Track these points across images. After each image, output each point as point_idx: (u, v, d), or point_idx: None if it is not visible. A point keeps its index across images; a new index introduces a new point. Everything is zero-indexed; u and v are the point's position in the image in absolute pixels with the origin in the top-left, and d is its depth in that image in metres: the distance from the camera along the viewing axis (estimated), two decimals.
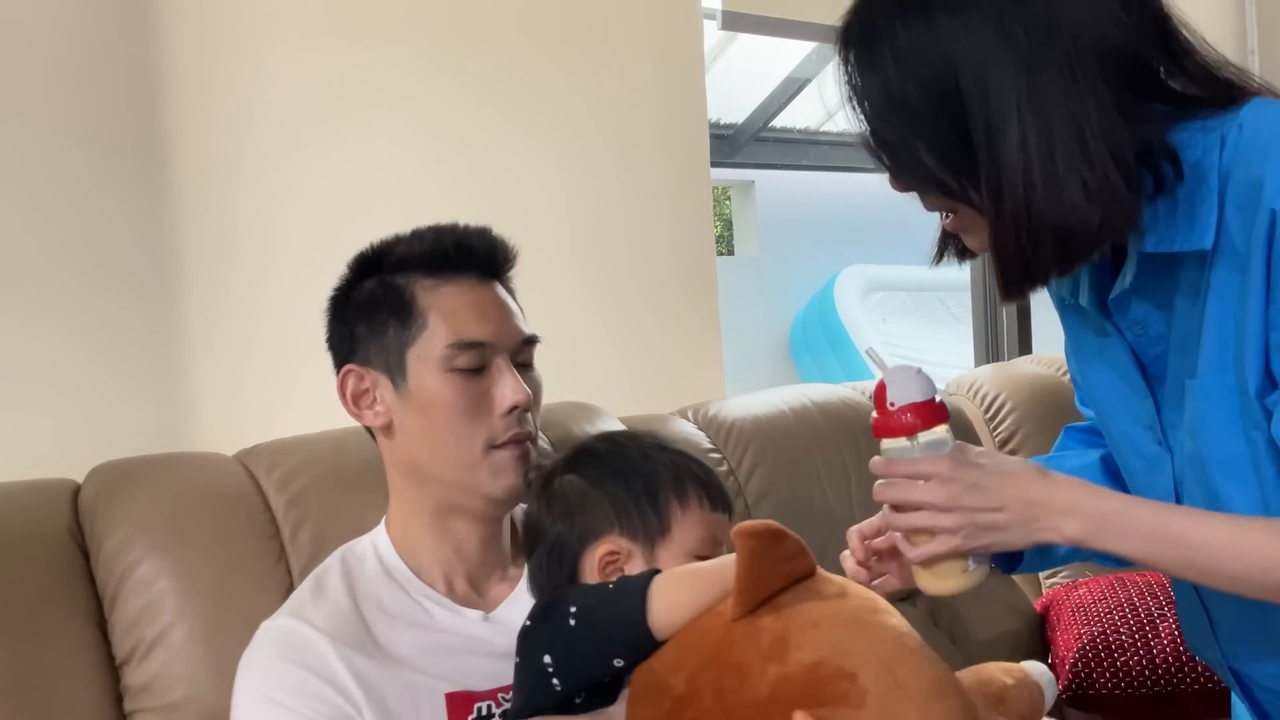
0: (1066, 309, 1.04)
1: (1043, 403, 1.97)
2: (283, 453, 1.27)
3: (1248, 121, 0.84)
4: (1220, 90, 0.86)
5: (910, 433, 0.91)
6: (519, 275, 1.18)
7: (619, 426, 1.55)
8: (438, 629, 1.06)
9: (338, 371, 1.11)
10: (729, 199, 6.34)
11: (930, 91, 0.84)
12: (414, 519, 1.10)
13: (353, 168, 1.61)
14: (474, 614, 1.08)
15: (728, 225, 6.41)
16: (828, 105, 0.94)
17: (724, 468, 1.61)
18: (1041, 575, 1.93)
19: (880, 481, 0.91)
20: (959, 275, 1.05)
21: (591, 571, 0.98)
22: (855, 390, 1.88)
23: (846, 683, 0.79)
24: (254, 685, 0.99)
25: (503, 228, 1.73)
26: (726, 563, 0.87)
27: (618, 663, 0.87)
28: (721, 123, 5.05)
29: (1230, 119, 0.84)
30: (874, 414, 0.93)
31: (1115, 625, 1.61)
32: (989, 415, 2.01)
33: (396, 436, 1.09)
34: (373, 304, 1.10)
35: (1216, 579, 0.87)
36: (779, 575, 0.84)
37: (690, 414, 1.70)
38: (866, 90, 0.87)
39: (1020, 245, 0.85)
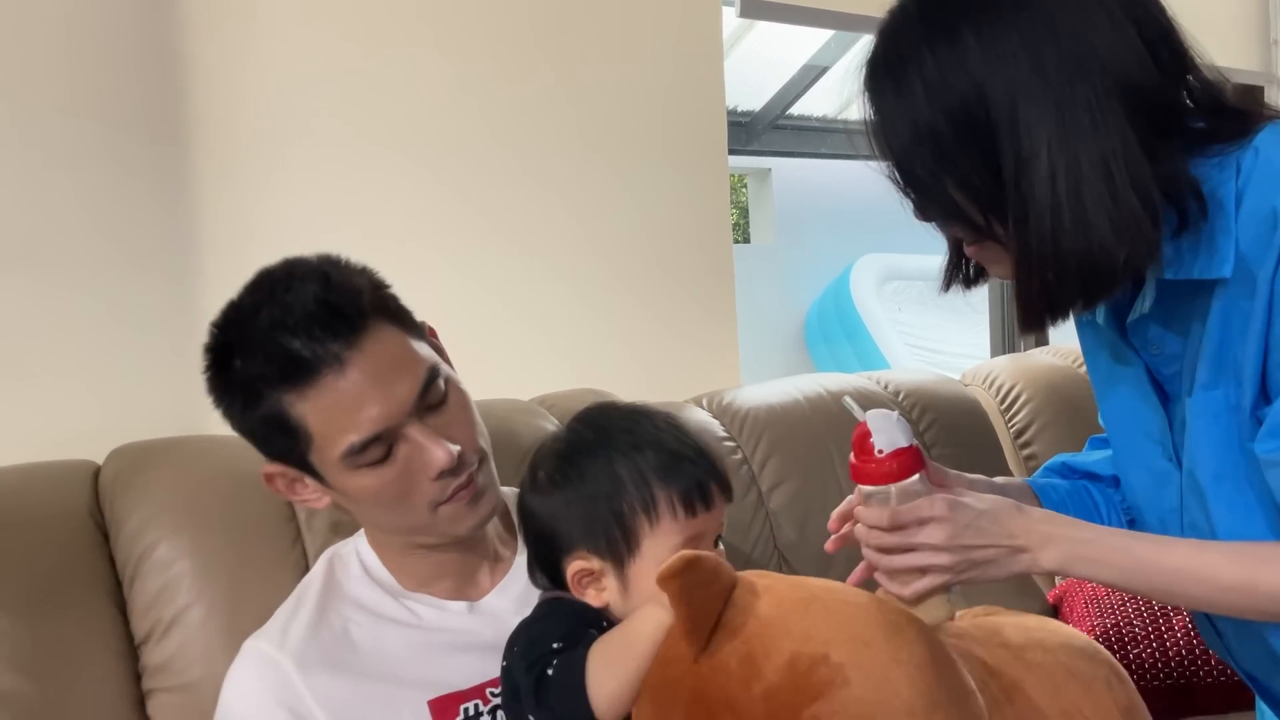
0: (1083, 325, 1.05)
1: (1058, 394, 1.96)
2: None
3: (1262, 148, 0.85)
4: (1237, 121, 0.87)
5: (896, 479, 0.94)
6: (532, 259, 1.16)
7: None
8: (423, 627, 1.06)
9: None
10: (745, 186, 6.33)
11: (960, 123, 0.84)
12: (386, 545, 1.09)
13: (371, 154, 1.62)
14: (459, 605, 1.08)
15: (744, 213, 6.40)
16: (845, 93, 0.94)
17: (738, 456, 1.61)
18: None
19: (862, 527, 0.94)
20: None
21: (572, 583, 0.97)
22: (871, 380, 1.88)
23: (824, 667, 0.81)
24: None
25: (518, 215, 1.76)
26: (646, 617, 0.88)
27: None
28: (739, 110, 5.04)
29: (1246, 146, 0.85)
30: (852, 459, 0.95)
31: (1129, 617, 1.60)
32: (1004, 406, 2.00)
33: (348, 510, 1.07)
34: (251, 422, 1.00)
35: (1183, 600, 0.92)
36: (715, 597, 0.85)
37: (705, 402, 1.70)
38: (894, 120, 0.87)
39: (1045, 281, 0.86)
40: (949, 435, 1.80)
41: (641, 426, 0.99)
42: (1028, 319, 0.90)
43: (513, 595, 1.09)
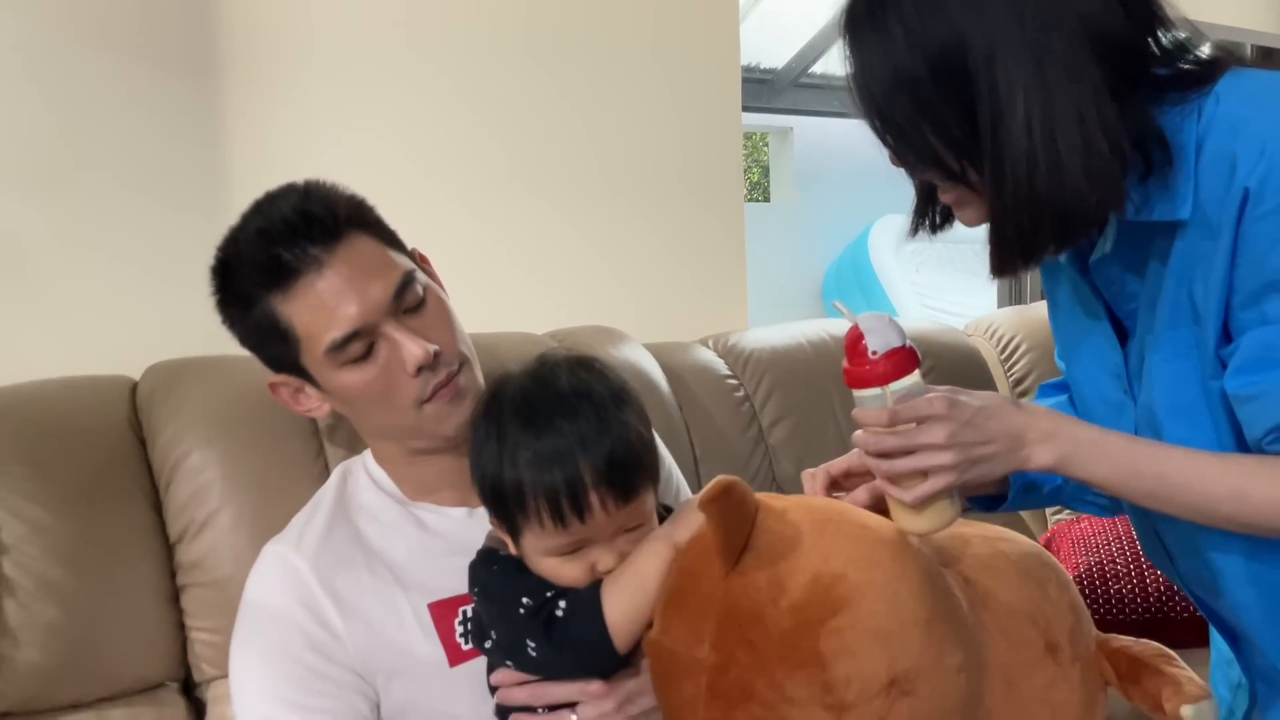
0: (1045, 265, 1.07)
1: None
2: None
3: (1223, 94, 0.88)
4: (1201, 68, 0.89)
5: (890, 380, 0.91)
6: (548, 200, 1.19)
7: (642, 351, 1.62)
8: (426, 533, 1.13)
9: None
10: (766, 145, 6.34)
11: (939, 69, 0.86)
12: (388, 456, 1.16)
13: (393, 93, 1.68)
14: (459, 512, 1.14)
15: (765, 171, 6.41)
16: None
17: (740, 393, 1.68)
18: (1048, 512, 1.99)
19: (861, 432, 0.92)
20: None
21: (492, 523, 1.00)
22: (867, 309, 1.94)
23: (842, 584, 0.87)
24: (245, 653, 1.07)
25: (539, 164, 1.82)
26: (651, 553, 0.92)
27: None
28: (760, 68, 5.04)
29: (1208, 93, 0.88)
30: (845, 363, 0.93)
31: (1111, 556, 1.67)
32: (1004, 356, 2.06)
33: (346, 417, 1.15)
34: (248, 329, 1.09)
35: (1173, 506, 0.93)
36: (745, 521, 0.90)
37: (711, 343, 1.77)
38: (874, 66, 0.89)
39: (1020, 225, 0.88)
40: (947, 381, 1.84)
41: (547, 413, 0.93)
42: (1002, 263, 0.92)
43: None
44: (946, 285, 5.93)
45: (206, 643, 1.22)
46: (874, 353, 0.92)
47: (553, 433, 0.92)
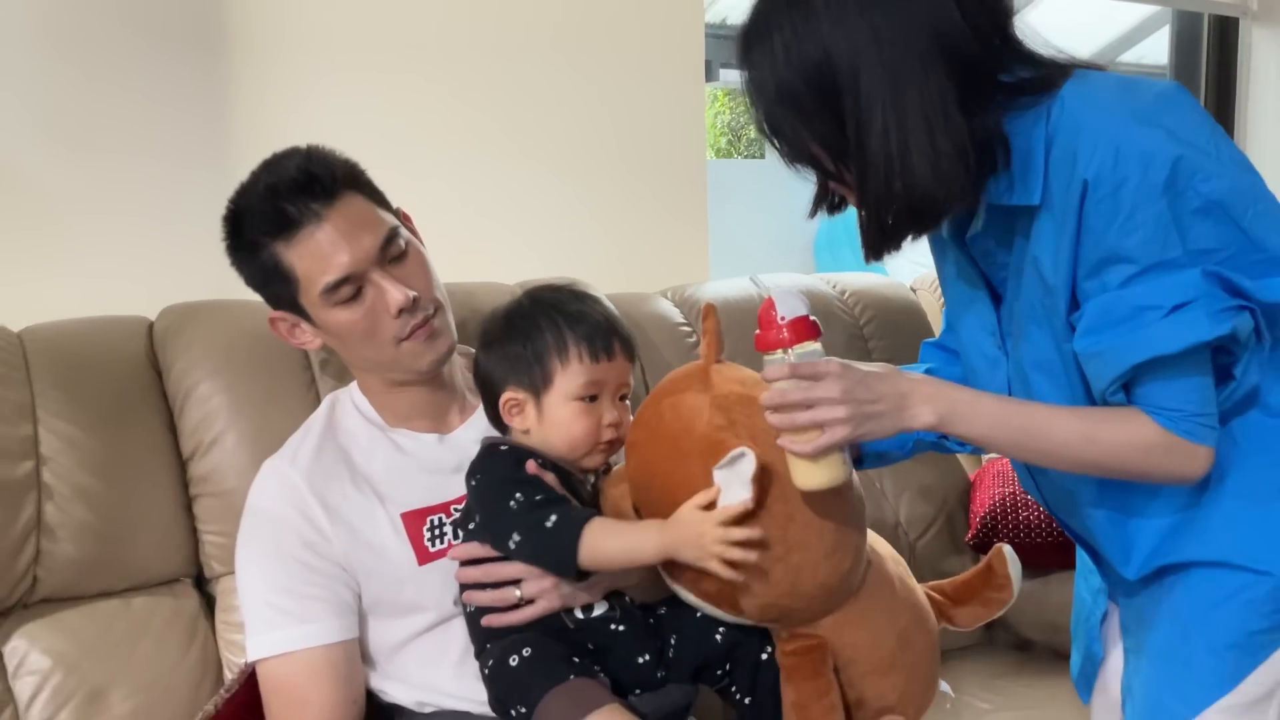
0: (934, 240, 1.21)
1: None
2: None
3: (1067, 99, 1.01)
4: (1046, 73, 1.03)
5: (793, 343, 1.04)
6: (521, 161, 1.33)
7: (604, 301, 1.80)
8: (402, 453, 1.32)
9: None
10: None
11: (813, 84, 0.99)
12: (370, 386, 1.35)
13: (379, 66, 1.85)
14: (431, 438, 1.33)
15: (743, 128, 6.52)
16: None
17: (692, 339, 1.87)
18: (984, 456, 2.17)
19: (766, 393, 1.05)
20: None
21: (503, 412, 1.22)
22: (823, 281, 2.12)
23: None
24: (250, 548, 1.27)
25: (511, 126, 1.99)
26: (645, 533, 1.11)
27: None
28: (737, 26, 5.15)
29: (1055, 97, 1.01)
30: (757, 330, 1.06)
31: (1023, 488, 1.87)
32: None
33: (335, 350, 1.33)
34: (252, 261, 1.26)
35: (1037, 455, 1.09)
36: (720, 342, 1.20)
37: (669, 294, 1.95)
38: (762, 80, 1.02)
39: (881, 219, 1.02)
40: (886, 330, 2.04)
41: (568, 299, 1.24)
42: (869, 249, 1.06)
43: (476, 431, 1.34)
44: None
45: (215, 544, 1.42)
46: (782, 318, 1.05)
47: (581, 305, 1.23)
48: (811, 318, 1.07)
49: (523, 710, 1.10)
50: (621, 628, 1.19)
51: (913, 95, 0.97)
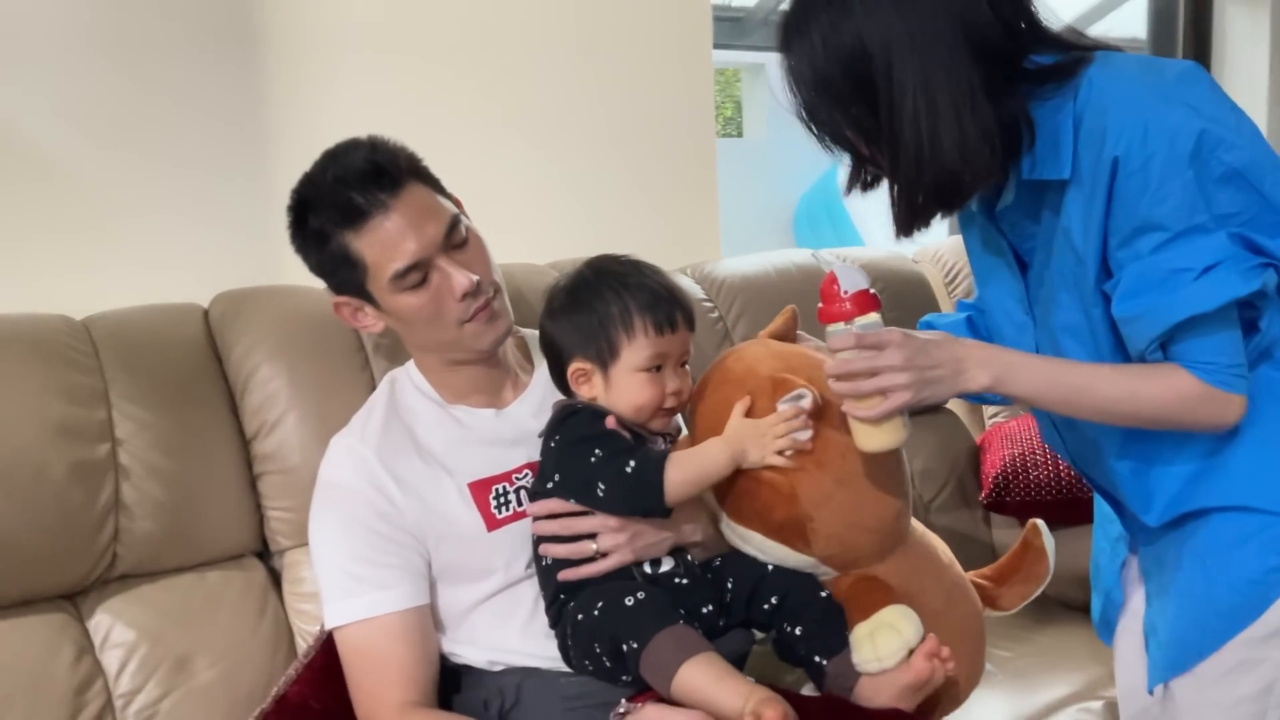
0: (961, 213, 1.25)
1: None
2: None
3: (1095, 79, 1.08)
4: (1071, 58, 1.09)
5: (856, 315, 1.11)
6: (540, 158, 1.40)
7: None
8: (462, 428, 1.38)
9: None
10: (740, 81, 6.52)
11: (849, 72, 1.06)
12: (429, 365, 1.41)
13: (412, 66, 1.91)
14: (488, 412, 1.40)
15: (738, 107, 6.60)
16: None
17: (714, 314, 1.95)
18: (986, 414, 2.27)
19: (830, 362, 1.13)
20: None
21: (571, 380, 1.31)
22: (832, 254, 2.20)
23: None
24: (325, 514, 1.33)
25: (528, 110, 2.05)
26: (713, 452, 1.22)
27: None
28: (732, 5, 5.22)
29: (1082, 77, 1.08)
30: (820, 305, 1.13)
31: (1032, 448, 1.96)
32: (948, 279, 2.33)
33: (398, 332, 1.38)
34: (320, 249, 1.30)
35: (1083, 410, 1.16)
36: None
37: (689, 271, 2.03)
38: (801, 70, 1.09)
39: (911, 197, 1.09)
40: (896, 301, 2.12)
41: (630, 271, 1.31)
42: (901, 227, 1.12)
43: (529, 406, 1.42)
44: None
45: (281, 519, 1.49)
46: (845, 293, 1.12)
47: (642, 277, 1.29)
48: (871, 290, 1.14)
49: (634, 645, 1.17)
50: (685, 581, 1.27)
51: (941, 82, 1.04)
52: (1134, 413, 1.14)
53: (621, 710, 1.20)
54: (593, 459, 1.23)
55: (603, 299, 1.28)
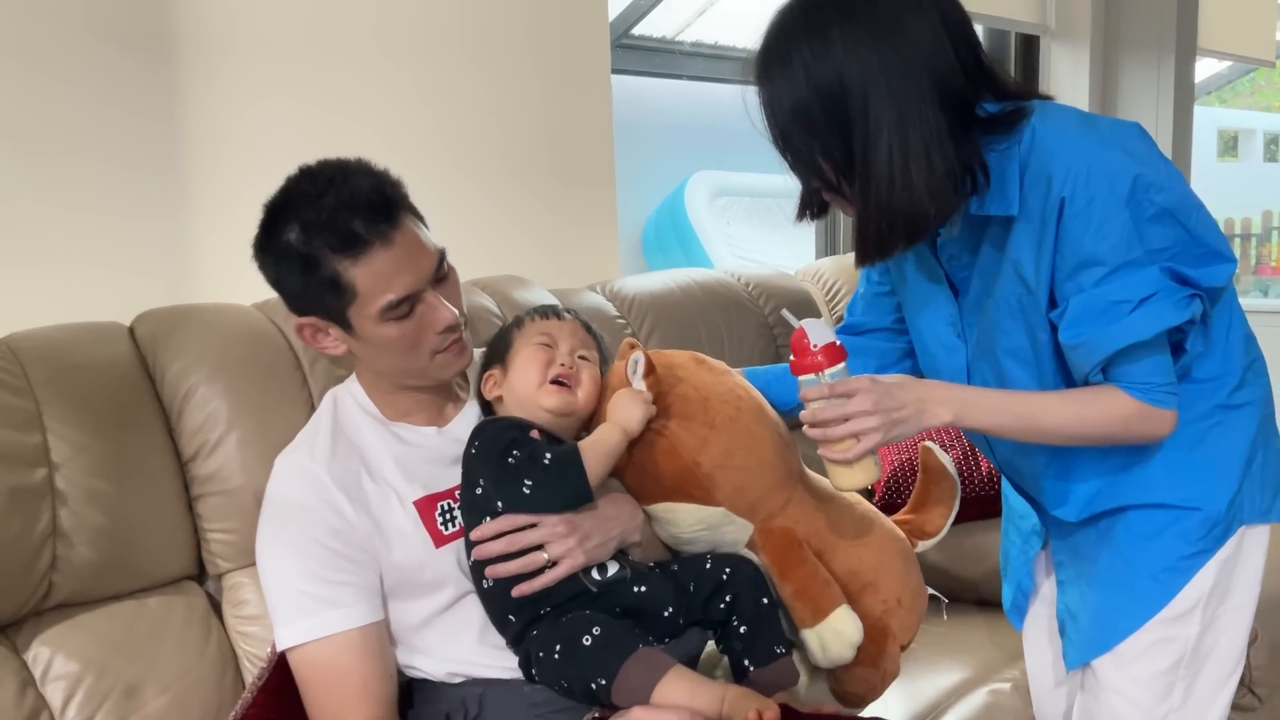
0: None
1: None
2: None
3: (1038, 129, 1.17)
4: (1017, 106, 1.19)
5: (827, 367, 1.19)
6: (450, 177, 1.46)
7: (547, 295, 1.92)
8: (406, 445, 1.40)
9: (293, 314, 1.33)
10: None
11: (826, 104, 1.12)
12: (376, 385, 1.41)
13: (325, 76, 1.89)
14: (430, 430, 1.42)
15: None
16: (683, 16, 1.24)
17: (628, 330, 2.01)
18: None
19: (804, 411, 1.21)
20: (796, 185, 1.27)
21: (484, 388, 1.42)
22: (727, 274, 2.30)
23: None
24: (271, 532, 1.33)
25: (444, 138, 2.07)
26: (609, 431, 1.31)
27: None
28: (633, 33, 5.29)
29: (1026, 126, 1.17)
30: (792, 358, 1.21)
31: (965, 451, 2.11)
32: (828, 296, 2.47)
33: (357, 357, 1.37)
34: (303, 270, 1.26)
35: (1036, 435, 1.25)
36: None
37: (599, 288, 2.09)
38: (780, 98, 1.15)
39: (879, 228, 1.16)
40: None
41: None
42: (864, 256, 1.20)
43: (468, 423, 1.43)
44: (754, 236, 6.42)
45: (222, 541, 1.45)
46: (815, 346, 1.19)
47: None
48: (838, 342, 1.21)
49: (603, 683, 1.20)
50: (643, 588, 1.32)
51: (915, 122, 1.12)
52: (1081, 434, 1.24)
53: (596, 717, 1.24)
54: (511, 460, 1.29)
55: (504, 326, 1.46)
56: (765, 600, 1.35)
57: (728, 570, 1.36)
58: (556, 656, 1.24)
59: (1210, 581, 1.30)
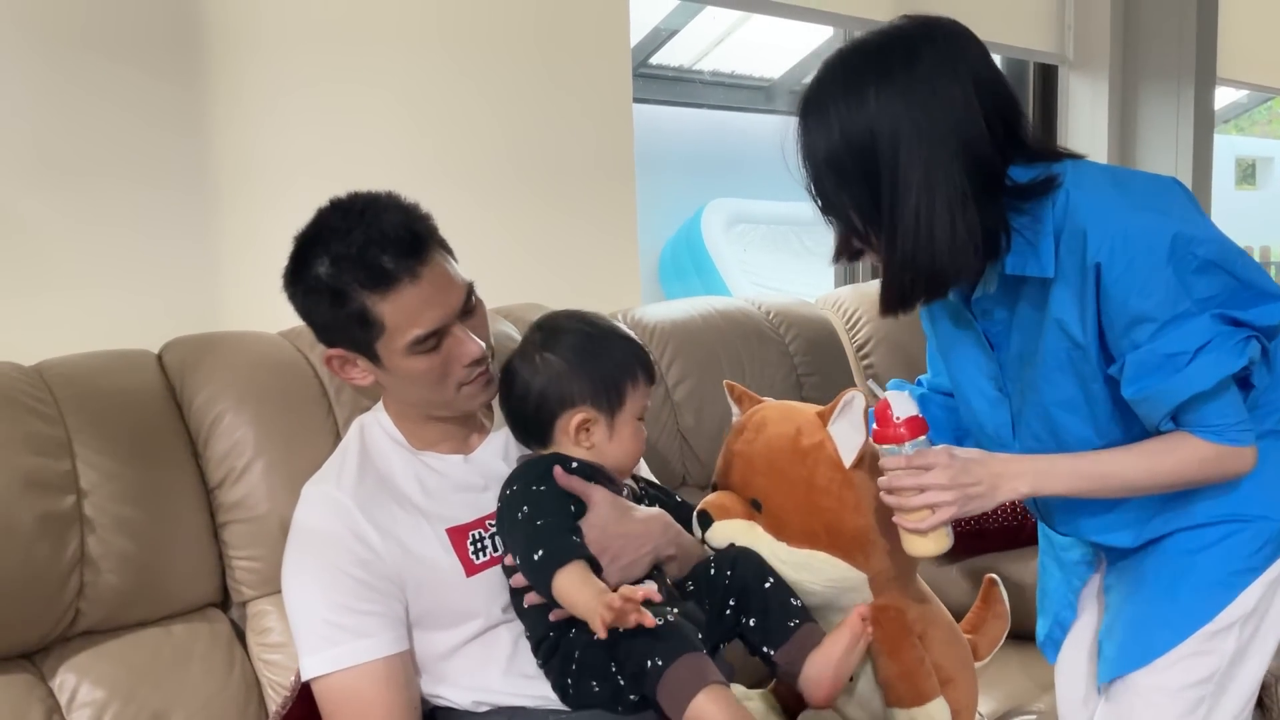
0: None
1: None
2: None
3: (1071, 189, 1.21)
4: (1047, 174, 1.21)
5: (908, 439, 1.25)
6: (474, 205, 1.45)
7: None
8: (435, 474, 1.41)
9: (323, 346, 1.35)
10: None
11: (857, 155, 1.17)
12: (405, 415, 1.42)
13: (350, 105, 1.92)
14: (457, 459, 1.42)
15: None
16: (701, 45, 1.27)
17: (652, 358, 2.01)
18: None
19: (883, 478, 1.26)
20: (813, 212, 1.29)
21: (566, 429, 1.35)
22: (748, 302, 2.31)
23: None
24: (300, 565, 1.33)
25: (466, 166, 2.08)
26: (580, 595, 1.22)
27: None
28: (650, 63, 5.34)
29: (1059, 190, 1.21)
30: (875, 427, 1.28)
31: None
32: (849, 325, 2.47)
33: (384, 387, 1.39)
34: (332, 303, 1.28)
35: (1110, 492, 1.28)
36: None
37: (620, 316, 2.09)
38: (816, 144, 1.20)
39: (903, 281, 1.21)
40: (808, 347, 2.25)
41: (603, 321, 1.41)
42: (886, 306, 1.25)
43: (494, 450, 1.46)
44: (771, 264, 6.43)
45: (247, 569, 1.46)
46: (898, 419, 1.25)
47: (623, 334, 1.42)
48: (920, 416, 1.26)
49: (659, 663, 1.21)
50: (677, 611, 1.30)
51: (941, 184, 1.16)
52: (1158, 485, 1.26)
53: None
54: (520, 515, 1.30)
55: (608, 344, 1.36)
56: (768, 584, 1.36)
57: (730, 572, 1.36)
58: (621, 630, 1.21)
59: (1254, 600, 1.30)
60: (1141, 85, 3.66)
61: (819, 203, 1.24)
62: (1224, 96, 6.32)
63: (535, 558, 1.26)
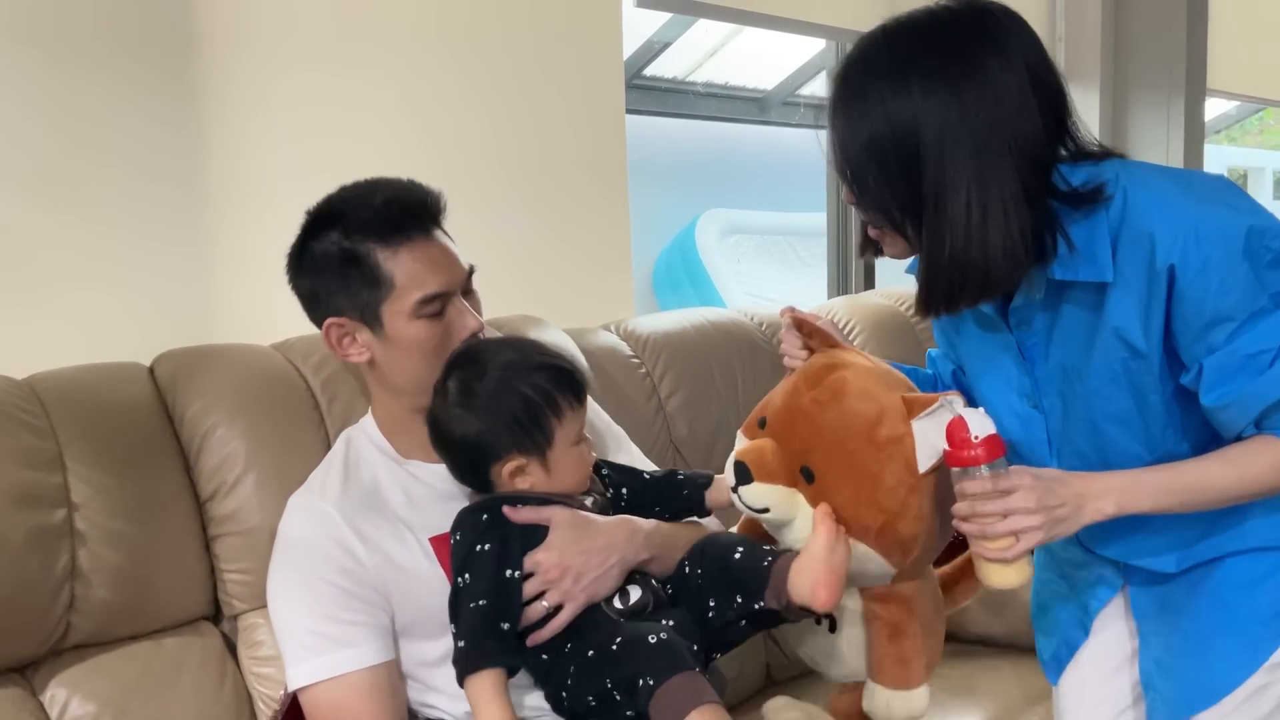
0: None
1: (884, 325, 2.45)
2: (313, 344, 1.58)
3: (1129, 193, 1.14)
4: (1099, 179, 1.14)
5: (987, 460, 1.13)
6: (466, 216, 1.45)
7: (561, 334, 1.92)
8: (419, 483, 1.40)
9: (317, 323, 1.36)
10: None
11: (901, 148, 1.10)
12: (392, 416, 1.42)
13: (340, 113, 1.92)
14: (440, 467, 1.40)
15: None
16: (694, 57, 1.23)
17: (642, 370, 2.02)
18: None
19: (960, 505, 1.14)
20: (807, 222, 1.31)
21: (504, 477, 1.31)
22: (741, 314, 2.31)
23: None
24: (283, 576, 1.33)
25: (460, 177, 2.09)
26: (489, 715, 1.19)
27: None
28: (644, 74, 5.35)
29: (1113, 193, 1.13)
30: (947, 447, 1.14)
31: None
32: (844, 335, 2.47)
33: (378, 367, 1.37)
34: (341, 266, 1.32)
35: (1197, 505, 1.19)
36: None
37: (613, 328, 2.09)
38: (854, 130, 1.13)
39: (950, 280, 1.13)
40: None
41: (517, 349, 1.34)
42: (929, 307, 1.16)
43: None
44: (765, 274, 6.44)
45: (238, 581, 1.46)
46: (975, 438, 1.13)
47: (540, 363, 1.32)
48: (997, 434, 1.15)
49: (649, 682, 1.18)
50: (671, 621, 1.28)
51: (995, 177, 1.10)
52: (1248, 492, 1.18)
53: None
54: (460, 582, 1.26)
55: (519, 389, 1.29)
56: (739, 554, 1.28)
57: (700, 571, 1.30)
58: (615, 647, 1.20)
59: None
60: (1132, 96, 3.68)
61: (854, 190, 1.16)
62: (1214, 107, 6.35)
63: (460, 644, 1.23)
